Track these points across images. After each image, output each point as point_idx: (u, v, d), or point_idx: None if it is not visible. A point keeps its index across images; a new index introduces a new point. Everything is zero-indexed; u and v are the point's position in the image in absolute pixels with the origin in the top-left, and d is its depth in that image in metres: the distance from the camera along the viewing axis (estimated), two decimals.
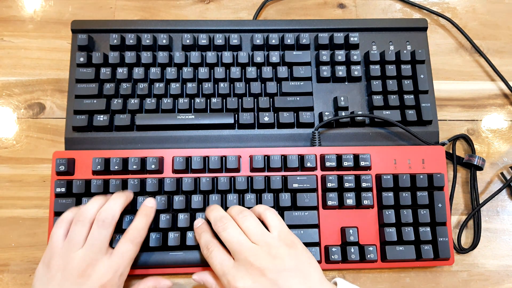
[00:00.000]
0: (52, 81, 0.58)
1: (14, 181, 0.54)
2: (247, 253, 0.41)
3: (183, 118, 0.54)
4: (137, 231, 0.45)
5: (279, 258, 0.41)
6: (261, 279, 0.40)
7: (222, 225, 0.44)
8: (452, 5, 0.64)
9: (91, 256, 0.42)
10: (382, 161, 0.52)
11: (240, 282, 0.40)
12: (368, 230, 0.51)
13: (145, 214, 0.47)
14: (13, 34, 0.60)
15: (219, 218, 0.45)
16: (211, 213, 0.46)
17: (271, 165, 0.51)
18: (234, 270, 0.41)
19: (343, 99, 0.55)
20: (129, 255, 0.44)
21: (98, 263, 0.42)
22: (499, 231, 0.55)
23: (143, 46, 0.56)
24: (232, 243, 0.42)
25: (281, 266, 0.41)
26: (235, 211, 0.46)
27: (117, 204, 0.45)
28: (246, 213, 0.45)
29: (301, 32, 0.57)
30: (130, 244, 0.44)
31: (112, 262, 0.43)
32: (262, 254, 0.41)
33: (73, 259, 0.42)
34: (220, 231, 0.43)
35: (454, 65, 0.61)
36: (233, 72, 0.55)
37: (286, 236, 0.43)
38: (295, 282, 0.40)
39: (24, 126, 0.56)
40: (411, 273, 0.52)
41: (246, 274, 0.41)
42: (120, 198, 0.46)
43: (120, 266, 0.43)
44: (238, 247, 0.42)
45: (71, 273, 0.41)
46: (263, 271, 0.40)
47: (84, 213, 0.44)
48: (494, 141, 0.58)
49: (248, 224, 0.44)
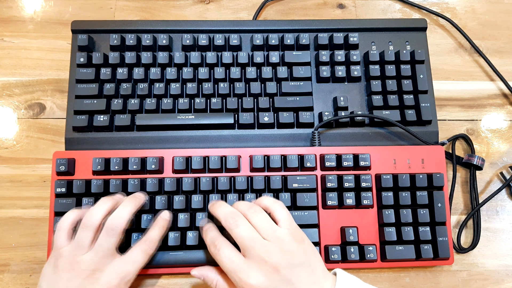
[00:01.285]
0: (52, 81, 0.58)
1: (14, 181, 0.54)
2: (260, 249, 0.41)
3: (183, 118, 0.54)
4: (152, 243, 0.45)
5: (290, 254, 0.42)
6: (274, 275, 0.40)
7: (233, 222, 0.43)
8: (451, 5, 0.64)
9: (99, 261, 0.42)
10: (382, 161, 0.52)
11: (253, 279, 0.40)
12: (368, 230, 0.51)
13: (161, 226, 0.47)
14: (13, 35, 0.60)
15: (229, 214, 0.44)
16: (219, 209, 0.45)
17: (271, 165, 0.51)
18: (245, 266, 0.41)
19: (342, 99, 0.55)
20: (139, 265, 0.44)
21: (106, 268, 0.42)
22: (498, 231, 0.55)
23: (143, 47, 0.56)
24: (244, 239, 0.42)
25: (293, 262, 0.41)
26: (243, 207, 0.45)
27: (127, 212, 0.45)
28: (256, 208, 0.44)
29: (301, 32, 0.58)
30: (142, 253, 0.44)
31: (121, 268, 0.43)
32: (274, 251, 0.41)
33: (81, 261, 0.42)
34: (231, 228, 0.43)
35: (454, 65, 0.61)
36: (233, 72, 0.55)
37: (295, 231, 0.44)
38: (305, 276, 0.41)
39: (25, 126, 0.57)
40: (411, 273, 0.52)
41: (259, 271, 0.41)
42: (131, 204, 0.45)
43: (129, 273, 0.43)
44: (250, 243, 0.41)
45: (78, 274, 0.42)
46: (277, 267, 0.40)
47: (91, 218, 0.43)
48: (494, 141, 0.58)
49: (258, 219, 0.43)
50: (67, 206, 0.49)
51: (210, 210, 0.46)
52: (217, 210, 0.45)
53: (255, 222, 0.43)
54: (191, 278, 0.50)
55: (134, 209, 0.45)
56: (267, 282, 0.40)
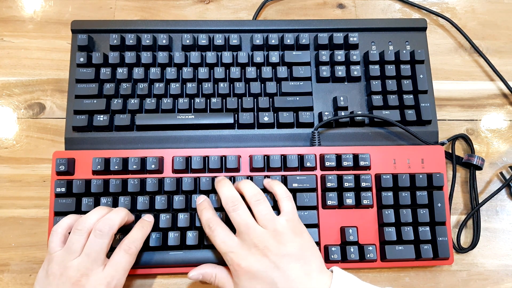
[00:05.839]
0: (52, 81, 0.58)
1: (14, 181, 0.54)
2: (253, 235, 0.43)
3: (183, 118, 0.54)
4: (133, 242, 0.45)
5: (283, 243, 0.42)
6: (263, 259, 0.42)
7: (233, 205, 0.45)
8: (451, 5, 0.64)
9: (86, 266, 0.42)
10: (382, 160, 0.52)
11: (243, 261, 0.42)
12: (368, 229, 0.51)
13: (142, 227, 0.47)
14: (13, 34, 0.60)
15: (230, 198, 0.45)
16: (223, 188, 0.46)
17: (270, 165, 0.51)
18: (238, 248, 0.43)
19: (342, 99, 0.55)
20: (123, 266, 0.43)
21: (92, 274, 0.42)
22: (498, 231, 0.55)
23: (143, 46, 0.56)
24: (240, 224, 0.43)
25: (284, 251, 0.42)
26: (249, 192, 0.46)
27: (118, 216, 0.45)
28: (260, 197, 0.45)
29: (301, 32, 0.58)
30: (124, 254, 0.44)
31: (105, 273, 0.42)
32: (267, 238, 0.43)
33: (69, 267, 0.42)
34: (230, 211, 0.44)
35: (454, 65, 0.61)
36: (233, 72, 0.55)
37: (295, 224, 0.44)
38: (295, 266, 0.42)
39: (24, 126, 0.57)
40: (411, 273, 0.52)
41: (249, 254, 0.42)
42: (122, 211, 0.46)
43: (114, 277, 0.43)
44: (245, 229, 0.43)
45: (66, 281, 0.41)
46: (266, 253, 0.42)
47: (83, 223, 0.44)
48: (493, 140, 0.58)
49: (260, 209, 0.44)
50: (67, 206, 0.49)
51: (215, 186, 0.48)
52: (221, 189, 0.47)
53: (256, 211, 0.45)
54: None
55: (124, 216, 0.45)
56: (255, 264, 0.42)
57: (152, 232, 0.49)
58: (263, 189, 0.48)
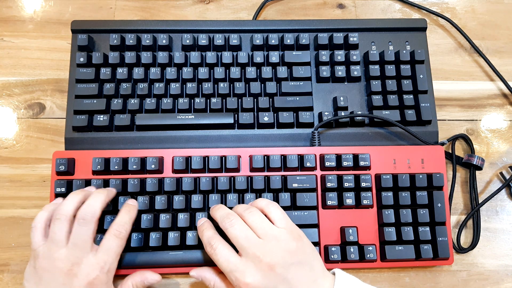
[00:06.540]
0: (52, 81, 0.58)
1: (14, 181, 0.54)
2: (255, 248, 0.41)
3: (183, 118, 0.54)
4: (121, 225, 0.45)
5: (287, 252, 0.42)
6: (270, 274, 0.41)
7: (229, 221, 0.43)
8: (451, 5, 0.64)
9: (75, 255, 0.42)
10: (382, 161, 0.52)
11: (249, 278, 0.40)
12: (368, 229, 0.51)
13: (129, 210, 0.46)
14: (13, 34, 0.60)
15: (225, 215, 0.44)
16: (217, 211, 0.46)
17: (270, 165, 0.51)
18: (241, 266, 0.41)
19: (342, 99, 0.55)
20: (114, 250, 0.43)
21: (83, 261, 0.42)
22: (498, 231, 0.55)
23: (143, 46, 0.56)
24: (239, 238, 0.42)
25: (289, 260, 0.41)
26: (240, 209, 0.45)
27: (98, 201, 0.44)
28: (252, 209, 0.45)
29: (301, 32, 0.58)
30: (115, 238, 0.44)
31: (98, 259, 0.42)
32: (270, 249, 0.41)
33: (57, 259, 0.42)
34: (227, 228, 0.43)
35: (454, 65, 0.61)
36: (233, 72, 0.55)
37: (292, 230, 0.44)
38: (302, 275, 0.41)
39: (24, 126, 0.57)
40: (411, 273, 0.52)
41: (255, 270, 0.41)
42: (101, 195, 0.45)
43: (106, 262, 0.43)
44: (245, 243, 0.42)
45: (57, 272, 0.41)
46: (272, 266, 0.41)
47: (62, 210, 0.43)
48: (493, 141, 0.58)
49: (254, 219, 0.44)
50: None
51: (211, 213, 0.47)
52: (215, 212, 0.46)
53: (251, 222, 0.43)
54: (191, 278, 0.50)
55: (105, 199, 0.45)
56: (263, 280, 0.40)
57: (152, 232, 0.49)
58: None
